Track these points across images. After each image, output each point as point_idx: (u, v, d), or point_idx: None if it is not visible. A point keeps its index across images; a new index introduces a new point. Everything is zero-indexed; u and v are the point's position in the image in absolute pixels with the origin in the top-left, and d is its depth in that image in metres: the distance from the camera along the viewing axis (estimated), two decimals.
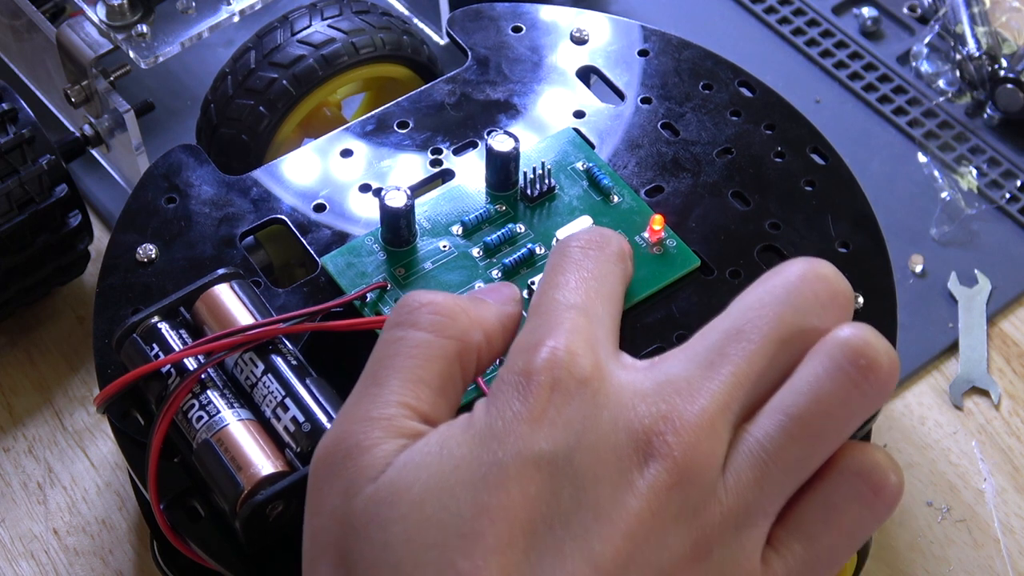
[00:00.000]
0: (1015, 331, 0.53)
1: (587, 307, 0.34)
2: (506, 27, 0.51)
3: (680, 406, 0.31)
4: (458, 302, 0.34)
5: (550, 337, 0.32)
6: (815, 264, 0.34)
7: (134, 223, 0.45)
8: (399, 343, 0.33)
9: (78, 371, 0.52)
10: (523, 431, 0.31)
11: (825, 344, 0.32)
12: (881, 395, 0.32)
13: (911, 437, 0.50)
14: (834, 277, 0.34)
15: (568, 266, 0.35)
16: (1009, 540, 0.48)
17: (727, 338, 0.33)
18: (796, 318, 0.33)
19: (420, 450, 0.31)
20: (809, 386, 0.32)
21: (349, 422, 0.33)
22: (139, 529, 0.48)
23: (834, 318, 0.33)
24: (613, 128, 0.48)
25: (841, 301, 0.34)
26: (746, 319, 0.33)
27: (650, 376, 0.32)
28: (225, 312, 0.40)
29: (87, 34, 0.50)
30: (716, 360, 0.32)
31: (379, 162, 0.47)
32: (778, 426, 0.32)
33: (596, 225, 0.44)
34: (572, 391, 0.31)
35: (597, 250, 0.36)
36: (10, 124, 0.48)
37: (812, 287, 0.33)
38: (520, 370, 0.32)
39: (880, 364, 0.32)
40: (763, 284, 0.34)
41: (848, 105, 0.59)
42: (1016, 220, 0.56)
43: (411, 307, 0.34)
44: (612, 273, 0.36)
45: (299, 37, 0.49)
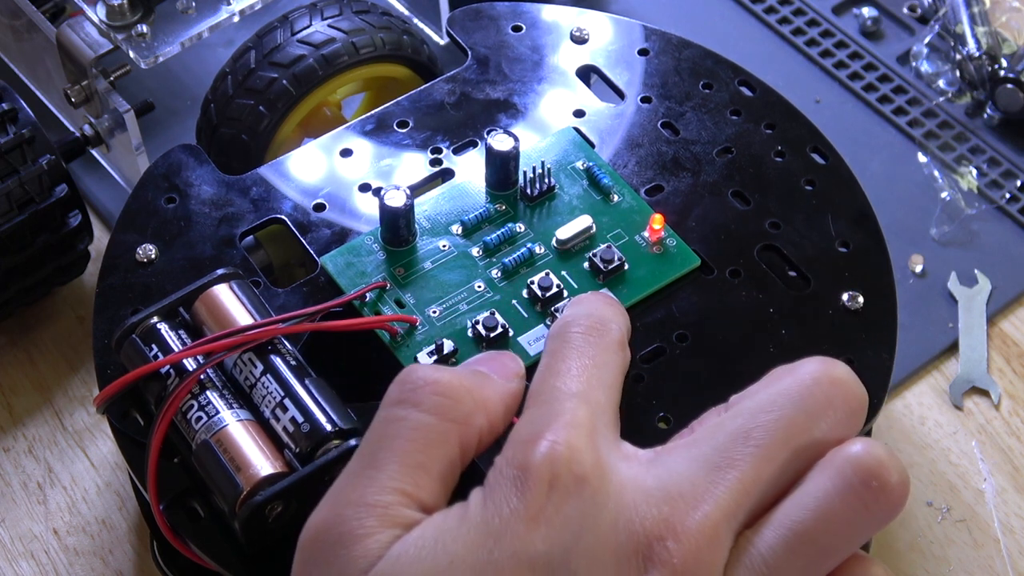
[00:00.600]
0: (1015, 331, 0.53)
1: (588, 397, 0.33)
2: (506, 26, 0.51)
3: (683, 511, 0.31)
4: (463, 382, 0.34)
5: (550, 430, 0.31)
6: (830, 367, 0.33)
7: (134, 223, 0.45)
8: (400, 424, 0.33)
9: (78, 371, 0.52)
10: (520, 530, 0.30)
11: (836, 459, 0.32)
12: (890, 515, 0.31)
13: (911, 437, 0.50)
14: (849, 382, 0.33)
15: (569, 352, 0.34)
16: (1009, 540, 0.48)
17: (735, 441, 0.32)
18: (808, 425, 0.32)
19: (414, 543, 0.31)
20: (817, 502, 0.31)
21: (343, 505, 0.32)
22: (139, 529, 0.48)
23: (846, 427, 0.32)
24: (613, 127, 0.48)
25: (854, 407, 0.33)
26: (756, 422, 0.32)
27: (653, 473, 0.32)
28: (224, 312, 0.40)
29: (87, 34, 0.50)
30: (722, 464, 0.31)
31: (379, 162, 0.47)
32: (782, 541, 0.31)
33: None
34: (571, 489, 0.31)
35: (598, 337, 0.35)
36: (10, 124, 0.48)
37: (826, 392, 0.32)
38: (519, 464, 0.31)
39: (891, 486, 0.31)
40: (776, 384, 0.33)
41: (848, 105, 0.59)
42: (1016, 220, 0.55)
43: (414, 385, 0.33)
44: (612, 362, 0.35)
45: (299, 37, 0.49)
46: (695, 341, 0.42)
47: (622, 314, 0.37)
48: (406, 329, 0.42)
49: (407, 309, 0.42)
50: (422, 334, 0.42)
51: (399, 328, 0.42)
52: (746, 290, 0.44)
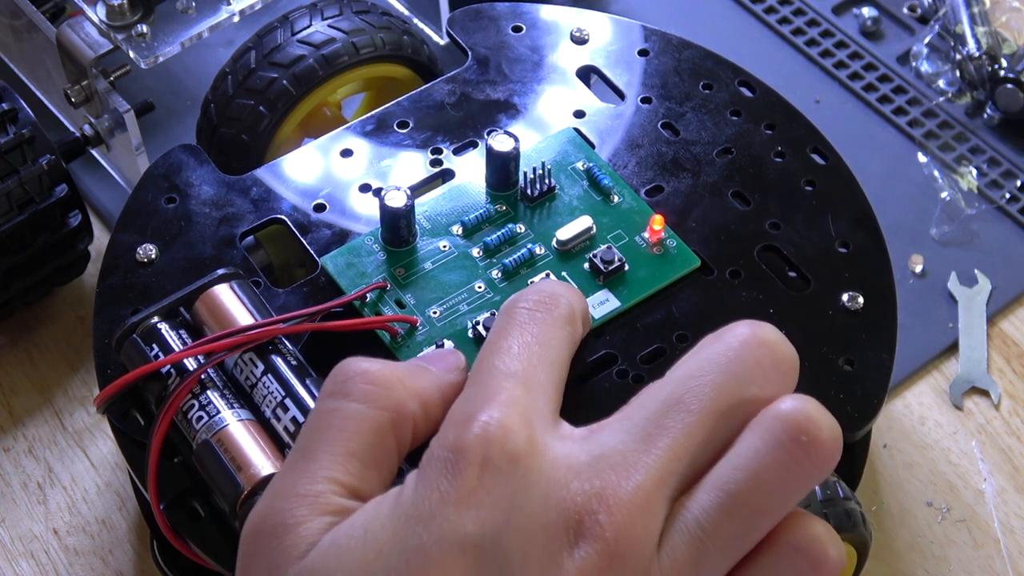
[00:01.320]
0: (1015, 331, 0.53)
1: (527, 375, 0.33)
2: (506, 27, 0.51)
3: (614, 482, 0.30)
4: (395, 371, 0.33)
5: (484, 410, 0.31)
6: (758, 329, 0.33)
7: (134, 223, 0.45)
8: (331, 415, 0.33)
9: (78, 371, 0.52)
10: (449, 513, 0.30)
11: (765, 418, 0.31)
12: (822, 471, 0.31)
13: (911, 437, 0.50)
14: (777, 343, 0.33)
15: (512, 329, 0.34)
16: (1009, 540, 0.48)
17: (665, 408, 0.32)
18: (737, 387, 0.32)
19: (345, 532, 0.31)
20: (748, 462, 0.31)
21: (276, 497, 0.32)
22: (139, 529, 0.48)
23: (777, 387, 0.32)
24: (613, 128, 0.48)
25: (784, 368, 0.32)
26: (685, 388, 0.32)
27: (585, 449, 0.31)
28: (225, 312, 0.40)
29: (87, 34, 0.50)
30: (653, 432, 0.31)
31: (379, 162, 0.47)
32: (716, 503, 0.31)
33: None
34: (503, 469, 0.30)
35: (544, 312, 0.35)
36: (10, 124, 0.48)
37: (754, 354, 0.32)
38: (450, 445, 0.31)
39: (822, 440, 0.31)
40: (704, 350, 0.33)
41: (848, 105, 0.59)
42: (1016, 220, 0.56)
43: (345, 376, 0.33)
44: (558, 338, 0.34)
45: (299, 37, 0.49)
46: (695, 341, 0.42)
47: (575, 293, 0.37)
48: (406, 329, 0.42)
49: (407, 309, 0.42)
50: (422, 334, 0.42)
51: (399, 328, 0.42)
52: (746, 291, 0.44)
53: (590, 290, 0.43)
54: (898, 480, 0.49)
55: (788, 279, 0.44)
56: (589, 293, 0.43)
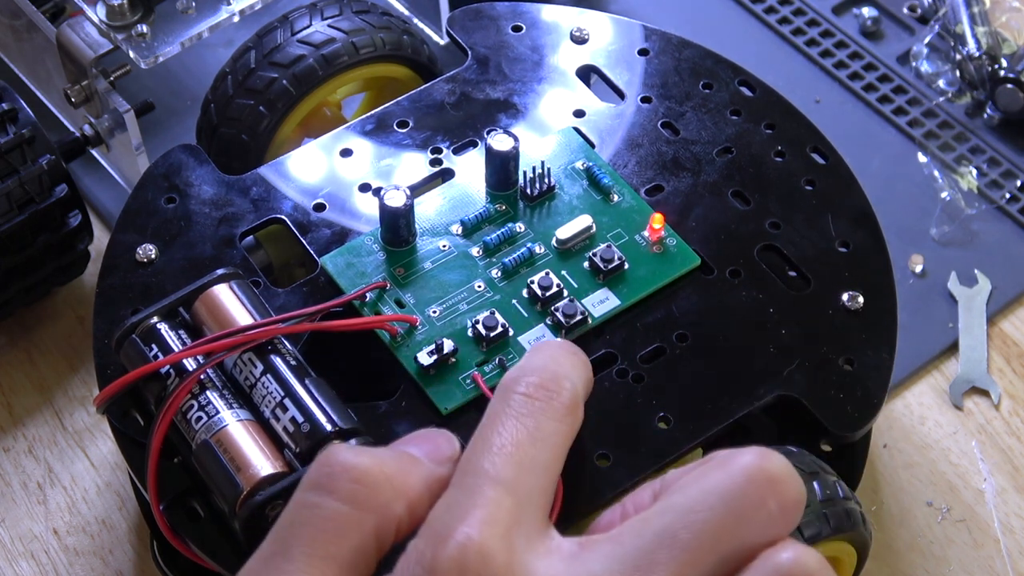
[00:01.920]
0: (1015, 331, 0.53)
1: (516, 483, 0.31)
2: (506, 26, 0.51)
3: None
4: (383, 469, 0.32)
5: (463, 526, 0.30)
6: (766, 462, 0.31)
7: (134, 223, 0.45)
8: (312, 511, 0.31)
9: (78, 371, 0.52)
10: None
11: (764, 568, 0.30)
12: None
13: (911, 437, 0.50)
14: (785, 480, 0.31)
15: (506, 422, 0.32)
16: (1009, 540, 0.48)
17: (660, 541, 0.30)
18: (737, 529, 0.30)
19: None
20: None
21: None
22: (139, 529, 0.48)
23: (779, 527, 0.31)
24: (613, 127, 0.48)
25: (789, 506, 0.31)
26: (682, 522, 0.30)
27: (571, 571, 0.30)
28: (224, 312, 0.40)
29: (87, 34, 0.50)
30: (644, 566, 0.30)
31: (379, 161, 0.47)
32: None
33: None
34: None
35: (544, 401, 0.33)
36: (10, 124, 0.48)
37: (759, 492, 0.30)
38: (427, 564, 0.29)
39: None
40: (707, 478, 0.31)
41: (848, 105, 0.59)
42: (1016, 220, 0.55)
43: (331, 471, 0.31)
44: (557, 433, 0.32)
45: (299, 37, 0.49)
46: (695, 341, 0.42)
47: (581, 366, 0.35)
48: (406, 329, 0.42)
49: (407, 309, 0.42)
50: (422, 334, 0.42)
51: (399, 328, 0.42)
52: (746, 290, 0.44)
53: (590, 289, 0.43)
54: (898, 480, 0.49)
55: (788, 279, 0.44)
56: (589, 292, 0.43)
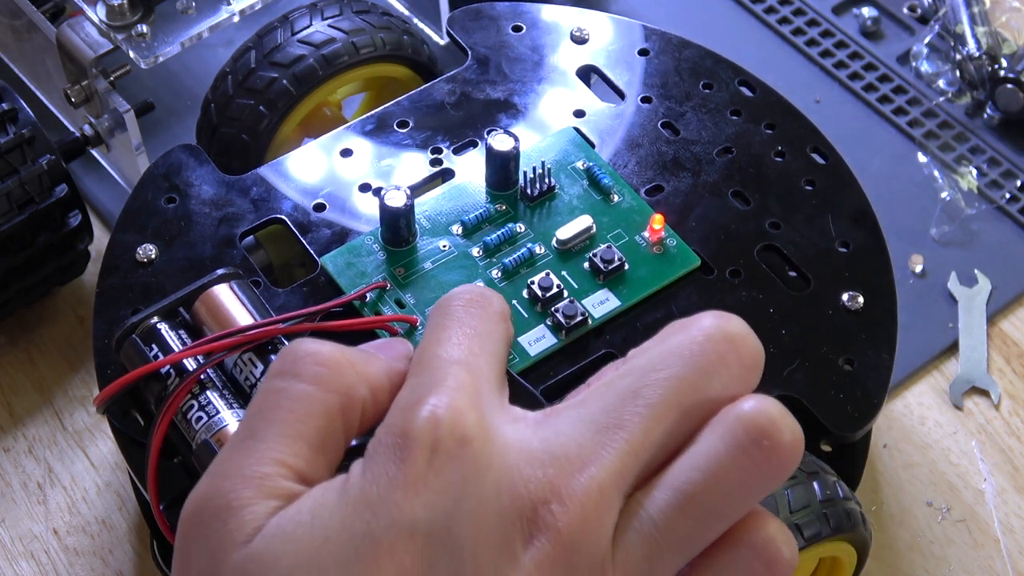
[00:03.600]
0: (1015, 331, 0.53)
1: (471, 362, 0.32)
2: (506, 26, 0.51)
3: (568, 473, 0.30)
4: (345, 354, 0.33)
5: (432, 394, 0.30)
6: (724, 321, 0.32)
7: (134, 223, 0.45)
8: (280, 395, 0.32)
9: (78, 371, 0.52)
10: (398, 498, 0.29)
11: (727, 418, 0.31)
12: (781, 474, 0.31)
13: (911, 437, 0.50)
14: (743, 337, 0.32)
15: (450, 323, 0.33)
16: (1009, 540, 0.48)
17: (624, 400, 0.31)
18: (700, 383, 0.31)
19: (291, 517, 0.30)
20: (706, 462, 0.30)
21: (221, 477, 0.31)
22: (139, 529, 0.48)
23: (740, 384, 0.31)
24: (613, 127, 0.48)
25: (749, 364, 0.32)
26: (645, 381, 0.31)
27: (539, 435, 0.31)
28: (224, 312, 0.40)
29: (87, 34, 0.50)
30: (610, 424, 0.30)
31: (379, 161, 0.47)
32: (672, 502, 0.30)
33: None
34: (453, 453, 0.30)
35: (480, 308, 0.34)
36: (10, 124, 0.48)
37: (719, 349, 0.31)
38: (399, 431, 0.30)
39: (783, 444, 0.30)
40: (667, 340, 0.32)
41: (848, 105, 0.59)
42: (1016, 220, 0.56)
43: (295, 356, 0.32)
44: (496, 331, 0.34)
45: (299, 37, 0.49)
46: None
47: (502, 298, 0.36)
48: (406, 329, 0.42)
49: (407, 309, 0.42)
50: (422, 334, 0.42)
51: (399, 328, 0.42)
52: (746, 290, 0.44)
53: (590, 289, 0.43)
54: (898, 480, 0.49)
55: (788, 279, 0.44)
56: (589, 292, 0.43)
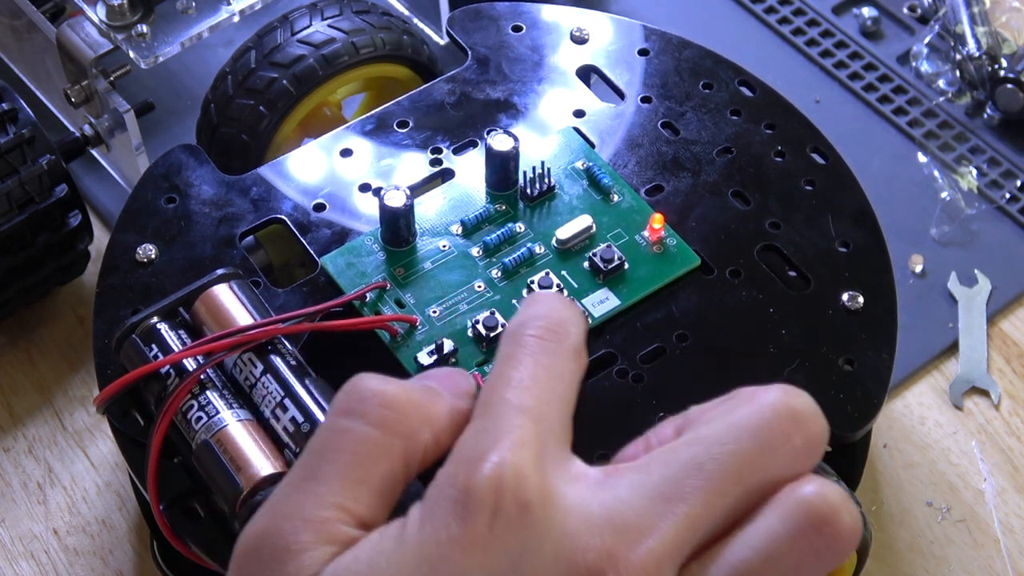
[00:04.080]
0: (1015, 331, 0.53)
1: (539, 412, 0.32)
2: (506, 26, 0.51)
3: (627, 544, 0.30)
4: (410, 396, 0.32)
5: (495, 450, 0.30)
6: (791, 398, 0.32)
7: (134, 223, 0.45)
8: (344, 436, 0.32)
9: (78, 371, 0.52)
10: (457, 558, 0.29)
11: (789, 500, 0.31)
12: (838, 560, 0.30)
13: (911, 437, 0.50)
14: (810, 417, 0.32)
15: (523, 359, 0.33)
16: (1009, 540, 0.48)
17: (687, 471, 0.31)
18: (763, 460, 0.31)
19: (347, 565, 0.30)
20: (765, 543, 0.30)
21: (281, 518, 0.31)
22: (139, 529, 0.48)
23: (804, 462, 0.31)
24: (613, 127, 0.48)
25: (813, 442, 0.32)
26: (709, 454, 0.31)
27: (599, 499, 0.31)
28: (224, 312, 0.40)
29: (87, 34, 0.50)
30: (671, 496, 0.30)
31: (379, 161, 0.47)
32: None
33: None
34: (514, 516, 0.29)
35: (555, 342, 0.33)
36: (10, 124, 0.48)
37: (785, 427, 0.31)
38: (461, 486, 0.30)
39: (842, 533, 0.30)
40: (734, 412, 0.32)
41: (848, 105, 0.59)
42: (1016, 220, 0.55)
43: (361, 396, 0.32)
44: (568, 371, 0.33)
45: (299, 37, 0.49)
46: (695, 341, 0.42)
47: (580, 316, 0.36)
48: (406, 329, 0.42)
49: (407, 309, 0.42)
50: (422, 334, 0.42)
51: (399, 328, 0.42)
52: (746, 290, 0.44)
53: (590, 289, 0.43)
54: (898, 480, 0.49)
55: (788, 279, 0.44)
56: (589, 292, 0.43)
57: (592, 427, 0.40)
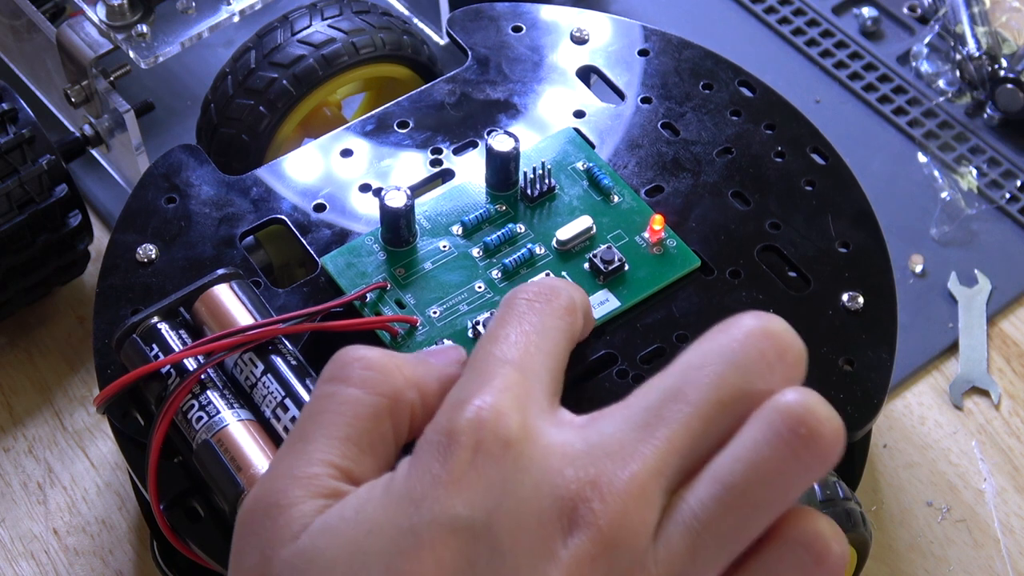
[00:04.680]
0: (1015, 331, 0.53)
1: (523, 363, 0.33)
2: (506, 27, 0.51)
3: (610, 470, 0.30)
4: (394, 359, 0.33)
5: (478, 395, 0.31)
6: (764, 320, 0.32)
7: (134, 223, 0.45)
8: (329, 399, 0.33)
9: (78, 371, 0.52)
10: (440, 495, 0.30)
11: (766, 410, 0.31)
12: (823, 465, 0.30)
13: (911, 437, 0.50)
14: (783, 335, 0.32)
15: (510, 319, 0.34)
16: (1009, 540, 0.48)
17: (665, 398, 0.31)
18: (739, 379, 0.31)
19: (337, 513, 0.31)
20: (747, 454, 0.30)
21: (272, 479, 0.32)
22: (139, 529, 0.48)
23: (781, 379, 0.32)
24: (613, 128, 0.48)
25: (789, 360, 0.32)
26: (686, 379, 0.31)
27: (582, 436, 0.31)
28: (225, 312, 0.40)
29: (87, 34, 0.50)
30: (652, 421, 0.31)
31: (379, 162, 0.47)
32: (713, 495, 0.30)
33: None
34: (495, 453, 0.30)
35: (543, 303, 0.34)
36: (10, 124, 0.48)
37: (759, 345, 0.31)
38: (444, 429, 0.31)
39: (822, 433, 0.30)
40: (709, 340, 0.32)
41: (848, 105, 0.59)
42: (1016, 220, 0.56)
43: (344, 362, 0.33)
44: (556, 328, 0.34)
45: (299, 37, 0.49)
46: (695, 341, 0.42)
47: (576, 287, 0.36)
48: (406, 330, 0.42)
49: (407, 310, 0.42)
50: (422, 334, 0.42)
51: (399, 329, 0.42)
52: (746, 290, 0.44)
53: (590, 290, 0.43)
54: (898, 480, 0.49)
55: (788, 279, 0.44)
56: (589, 293, 0.43)
57: None
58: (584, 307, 0.37)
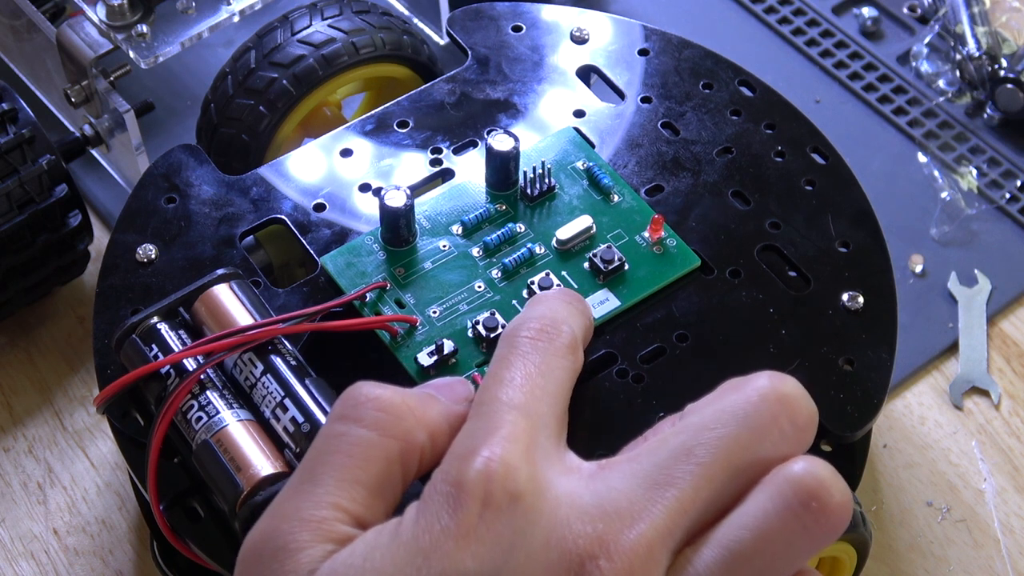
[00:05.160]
0: (1015, 331, 0.53)
1: (529, 407, 0.32)
2: (506, 26, 0.51)
3: (617, 528, 0.30)
4: (405, 399, 0.33)
5: (486, 445, 0.31)
6: (778, 382, 0.32)
7: (134, 223, 0.45)
8: (340, 439, 0.32)
9: (78, 371, 0.52)
10: (449, 548, 0.30)
11: (776, 478, 0.31)
12: (829, 537, 0.31)
13: (911, 437, 0.50)
14: (797, 398, 0.32)
15: (514, 360, 0.34)
16: (1009, 540, 0.48)
17: (676, 457, 0.31)
18: (751, 443, 0.31)
19: (344, 560, 0.30)
20: (755, 522, 0.30)
21: (280, 519, 0.32)
22: (139, 529, 0.48)
23: (792, 445, 0.32)
24: (613, 127, 0.48)
25: (801, 426, 0.32)
26: (698, 440, 0.31)
27: (591, 489, 0.31)
28: (224, 312, 0.40)
29: (87, 34, 0.50)
30: (661, 481, 0.31)
31: (379, 161, 0.47)
32: (719, 560, 0.30)
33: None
34: (504, 507, 0.30)
35: (547, 342, 0.34)
36: (10, 124, 0.48)
37: (772, 410, 0.32)
38: (452, 480, 0.31)
39: (831, 508, 0.30)
40: (722, 399, 0.32)
41: (848, 105, 0.59)
42: (1016, 220, 0.56)
43: (356, 401, 0.33)
44: (560, 368, 0.34)
45: (299, 37, 0.49)
46: (695, 341, 0.42)
47: (580, 313, 0.36)
48: (406, 329, 0.42)
49: (407, 309, 0.42)
50: (422, 334, 0.42)
51: (399, 328, 0.42)
52: (746, 290, 0.44)
53: (590, 290, 0.43)
54: (898, 480, 0.49)
55: (788, 279, 0.44)
56: (589, 293, 0.43)
57: (592, 427, 0.40)
58: (586, 332, 0.37)
